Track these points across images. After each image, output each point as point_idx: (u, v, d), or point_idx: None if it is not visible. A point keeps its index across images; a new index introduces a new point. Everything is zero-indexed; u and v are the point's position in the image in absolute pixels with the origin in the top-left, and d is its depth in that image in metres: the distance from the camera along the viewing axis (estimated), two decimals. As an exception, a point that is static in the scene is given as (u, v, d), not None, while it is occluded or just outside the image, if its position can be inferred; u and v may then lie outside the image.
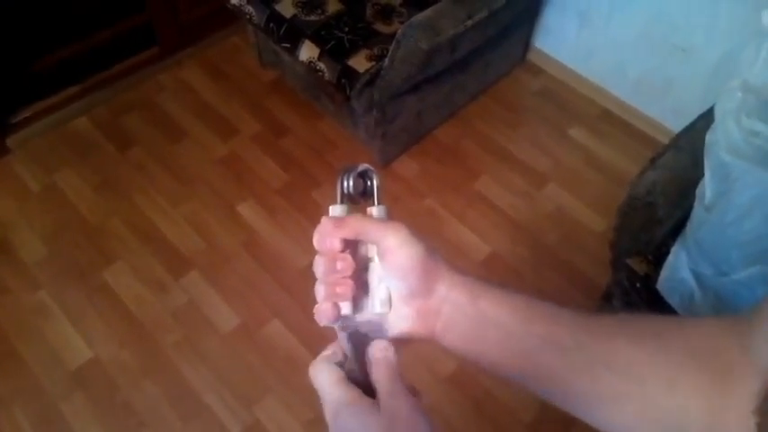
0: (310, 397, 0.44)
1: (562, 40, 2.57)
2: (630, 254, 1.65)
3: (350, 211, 0.53)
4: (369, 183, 0.54)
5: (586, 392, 0.49)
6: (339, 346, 0.53)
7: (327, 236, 0.50)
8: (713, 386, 0.45)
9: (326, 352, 0.54)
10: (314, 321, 0.51)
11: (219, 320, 1.94)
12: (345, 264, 0.50)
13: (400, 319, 0.52)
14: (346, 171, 0.53)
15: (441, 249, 0.52)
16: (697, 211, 1.46)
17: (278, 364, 1.87)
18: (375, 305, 0.52)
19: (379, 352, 0.51)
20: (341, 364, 0.52)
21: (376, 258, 0.52)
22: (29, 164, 2.27)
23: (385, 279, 0.52)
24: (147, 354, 1.87)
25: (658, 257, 1.60)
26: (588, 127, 2.49)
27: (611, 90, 2.50)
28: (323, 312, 0.50)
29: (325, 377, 0.50)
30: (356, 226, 0.50)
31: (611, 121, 2.50)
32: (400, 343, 0.53)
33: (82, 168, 2.27)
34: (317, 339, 1.84)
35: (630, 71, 2.40)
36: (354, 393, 0.49)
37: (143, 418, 1.76)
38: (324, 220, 0.51)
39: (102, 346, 1.88)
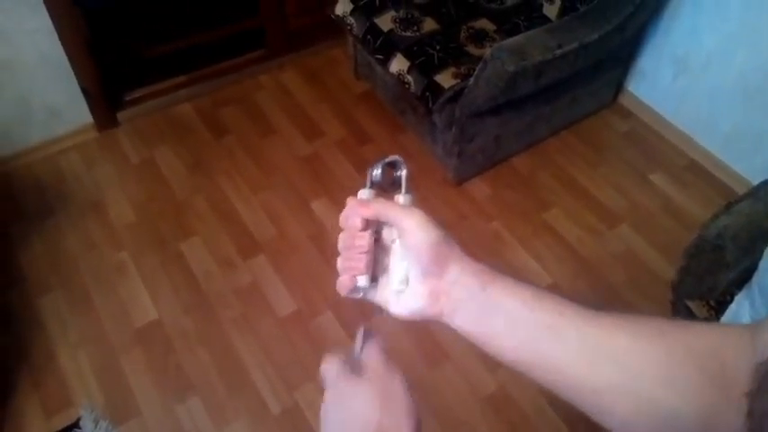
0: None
1: (656, 85, 2.54)
2: (692, 297, 1.61)
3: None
4: (398, 173, 0.58)
5: (584, 382, 0.50)
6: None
7: (351, 215, 0.56)
8: (712, 387, 0.46)
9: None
10: (366, 319, 0.58)
11: (277, 304, 2.03)
12: (363, 241, 0.56)
13: (414, 298, 0.56)
14: (376, 161, 0.58)
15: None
16: (766, 260, 1.41)
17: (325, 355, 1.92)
18: (393, 282, 0.57)
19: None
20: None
21: (398, 241, 0.58)
22: (133, 138, 2.49)
23: (403, 259, 0.57)
24: (206, 324, 1.98)
25: (721, 304, 1.55)
26: (671, 175, 2.44)
27: (700, 141, 2.44)
28: (340, 283, 0.57)
29: (332, 363, 0.56)
30: (379, 208, 0.56)
31: (696, 171, 2.44)
32: (413, 321, 0.58)
33: (178, 148, 2.46)
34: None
35: (723, 124, 2.34)
36: (349, 369, 0.55)
37: (192, 381, 1.86)
38: (349, 200, 0.57)
39: (166, 309, 2.01)
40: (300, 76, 2.78)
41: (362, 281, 0.57)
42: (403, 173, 0.58)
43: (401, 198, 0.58)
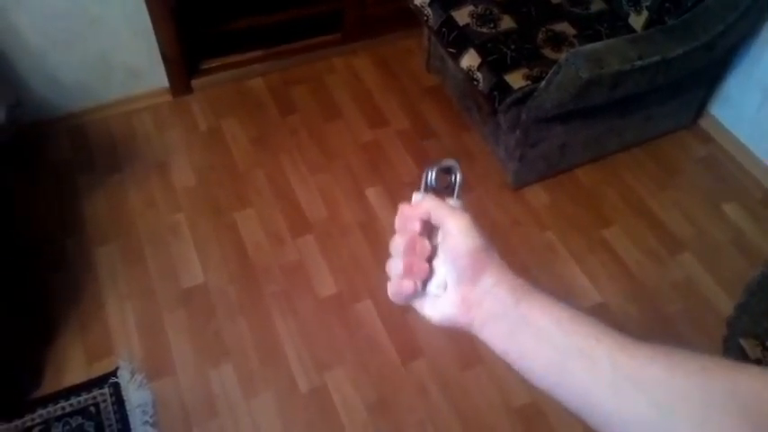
0: (379, 381, 0.47)
1: (740, 112, 2.41)
2: (747, 335, 1.52)
3: None
4: (453, 178, 0.57)
5: (612, 412, 0.48)
6: None
7: (408, 219, 0.55)
8: None
9: None
10: (403, 312, 0.55)
11: (319, 285, 2.04)
12: (423, 246, 0.54)
13: (447, 303, 0.55)
14: (432, 164, 0.56)
15: (548, 285, 0.52)
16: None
17: (359, 341, 1.93)
18: (431, 285, 0.55)
19: None
20: None
21: (440, 244, 0.56)
22: (204, 106, 2.56)
23: (444, 263, 0.55)
24: (249, 294, 2.02)
25: (778, 348, 1.46)
26: (746, 207, 2.31)
27: (782, 175, 2.31)
28: (403, 287, 0.54)
29: None
30: (428, 206, 0.54)
31: (773, 206, 2.30)
32: (443, 327, 0.56)
33: (246, 121, 2.51)
34: (400, 329, 1.89)
35: (810, 159, 2.20)
36: None
37: (228, 348, 1.90)
38: (403, 205, 0.56)
39: (213, 275, 2.05)
40: (372, 63, 2.79)
41: (429, 286, 0.55)
42: (457, 178, 0.57)
43: (451, 202, 0.57)
